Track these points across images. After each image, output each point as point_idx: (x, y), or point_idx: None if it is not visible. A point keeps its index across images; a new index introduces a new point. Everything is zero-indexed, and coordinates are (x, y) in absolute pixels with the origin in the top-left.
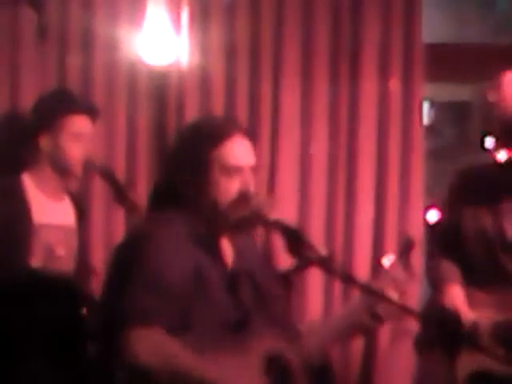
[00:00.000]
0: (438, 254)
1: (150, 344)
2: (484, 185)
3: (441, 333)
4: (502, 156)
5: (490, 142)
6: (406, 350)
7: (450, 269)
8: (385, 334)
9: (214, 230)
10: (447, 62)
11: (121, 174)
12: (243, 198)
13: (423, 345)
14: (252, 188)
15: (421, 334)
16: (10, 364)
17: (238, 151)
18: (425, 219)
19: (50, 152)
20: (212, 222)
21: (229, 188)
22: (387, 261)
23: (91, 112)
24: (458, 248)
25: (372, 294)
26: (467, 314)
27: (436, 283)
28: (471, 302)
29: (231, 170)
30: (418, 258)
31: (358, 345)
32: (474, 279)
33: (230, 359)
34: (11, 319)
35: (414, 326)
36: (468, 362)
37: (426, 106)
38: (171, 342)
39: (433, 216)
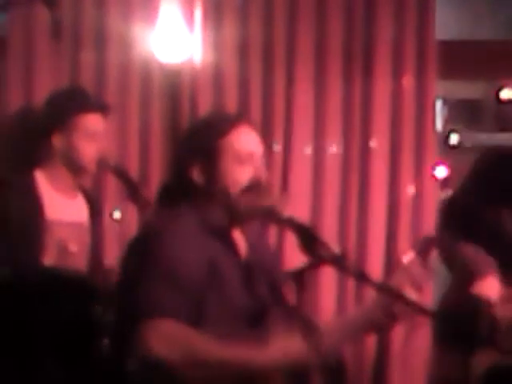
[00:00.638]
0: (466, 240)
1: (166, 336)
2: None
3: (465, 326)
4: None
5: (455, 139)
6: (420, 346)
7: (485, 258)
8: (399, 330)
9: (227, 220)
10: (460, 59)
11: (134, 171)
12: (256, 184)
13: (440, 340)
14: (264, 175)
15: (438, 328)
16: (24, 362)
17: (248, 138)
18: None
19: (63, 150)
20: (225, 210)
21: (241, 175)
22: (406, 258)
23: (103, 109)
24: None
25: (385, 291)
26: (498, 308)
27: (467, 271)
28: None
29: (242, 157)
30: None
31: (371, 341)
32: (507, 271)
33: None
34: (25, 316)
35: (427, 323)
36: (486, 357)
37: (438, 103)
38: (187, 331)
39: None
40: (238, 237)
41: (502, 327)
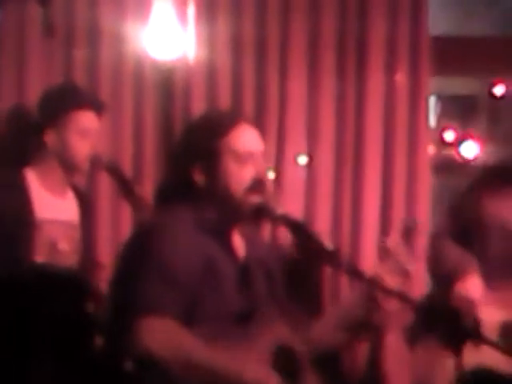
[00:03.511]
0: (452, 241)
1: (160, 334)
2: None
3: (443, 328)
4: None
5: (450, 135)
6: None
7: (467, 258)
8: (392, 325)
9: (227, 220)
10: (454, 55)
11: (127, 169)
12: (258, 184)
13: (419, 336)
14: (266, 174)
15: (416, 324)
16: (17, 359)
17: (248, 137)
18: None
19: (56, 148)
20: (226, 210)
21: (242, 175)
22: (390, 243)
23: (97, 107)
24: (475, 239)
25: (379, 288)
26: (480, 308)
27: (450, 272)
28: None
29: (243, 157)
30: (423, 244)
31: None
32: (487, 274)
33: (238, 350)
34: (18, 314)
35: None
36: (470, 358)
37: (432, 99)
38: (181, 331)
39: None
40: (237, 239)
41: (490, 330)
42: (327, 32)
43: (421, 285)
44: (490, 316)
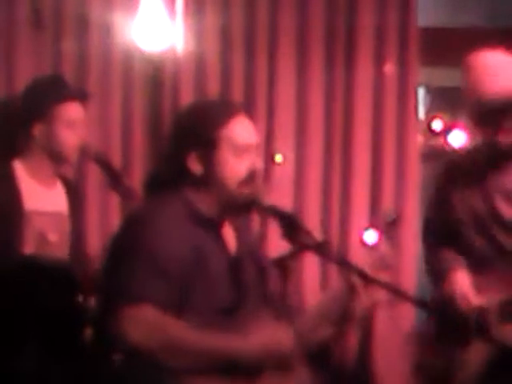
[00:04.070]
0: (436, 244)
1: (144, 323)
2: (470, 168)
3: (450, 326)
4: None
5: (438, 124)
6: (403, 329)
7: (451, 256)
8: (380, 318)
9: (220, 211)
10: (443, 46)
11: (116, 160)
12: (252, 176)
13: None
14: (260, 167)
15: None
16: (6, 351)
17: (246, 130)
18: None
19: (44, 140)
20: (219, 201)
21: (239, 167)
22: (369, 236)
23: (82, 97)
24: (453, 235)
25: (368, 279)
26: (474, 299)
27: (440, 273)
28: (474, 287)
29: (241, 149)
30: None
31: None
32: (472, 263)
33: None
34: (6, 306)
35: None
36: (479, 351)
37: (421, 90)
38: (165, 318)
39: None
40: (228, 231)
41: (490, 313)
42: (316, 24)
43: (410, 276)
44: (490, 301)
